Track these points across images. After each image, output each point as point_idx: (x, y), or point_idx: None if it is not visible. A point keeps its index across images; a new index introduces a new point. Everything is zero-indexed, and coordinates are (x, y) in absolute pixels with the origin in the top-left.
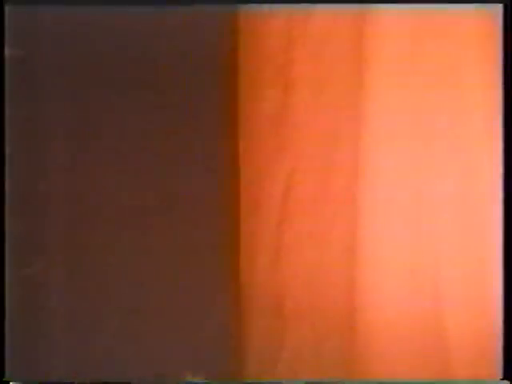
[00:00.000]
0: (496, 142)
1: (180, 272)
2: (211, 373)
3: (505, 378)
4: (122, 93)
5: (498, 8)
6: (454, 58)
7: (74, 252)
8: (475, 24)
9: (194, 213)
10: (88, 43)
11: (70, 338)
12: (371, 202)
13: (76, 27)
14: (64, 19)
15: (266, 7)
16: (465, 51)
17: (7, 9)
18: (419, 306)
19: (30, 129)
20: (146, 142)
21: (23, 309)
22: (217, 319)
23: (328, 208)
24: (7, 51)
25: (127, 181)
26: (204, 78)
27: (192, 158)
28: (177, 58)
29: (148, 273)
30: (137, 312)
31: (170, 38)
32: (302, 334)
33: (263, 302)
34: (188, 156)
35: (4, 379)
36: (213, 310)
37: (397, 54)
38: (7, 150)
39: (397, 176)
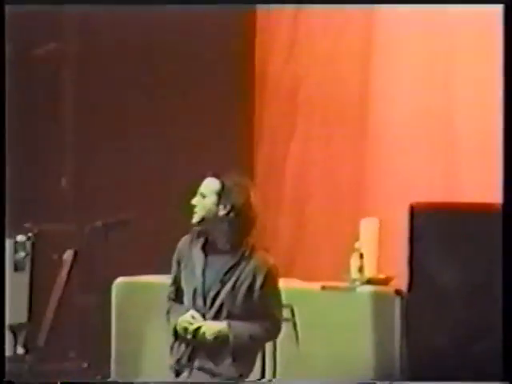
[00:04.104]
0: None
1: None
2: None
3: (505, 378)
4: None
5: (498, 8)
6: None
7: None
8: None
9: None
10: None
11: None
12: None
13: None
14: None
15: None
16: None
17: (7, 9)
18: (432, 102)
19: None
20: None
21: None
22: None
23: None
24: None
25: None
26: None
27: None
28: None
29: None
30: None
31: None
32: (313, 122)
33: (276, 91)
34: None
35: (4, 379)
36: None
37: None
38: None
39: None
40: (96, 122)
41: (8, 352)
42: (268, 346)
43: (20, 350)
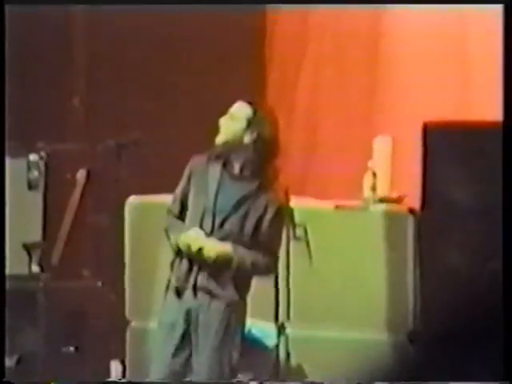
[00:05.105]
0: None
1: None
2: None
3: (505, 378)
4: None
5: (498, 8)
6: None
7: None
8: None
9: None
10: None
11: None
12: None
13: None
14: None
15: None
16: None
17: (7, 9)
18: (444, 20)
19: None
20: None
21: None
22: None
23: None
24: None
25: None
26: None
27: None
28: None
29: None
30: None
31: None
32: (325, 42)
33: (288, 14)
34: None
35: (4, 379)
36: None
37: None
38: None
39: None
40: (108, 40)
41: (23, 270)
42: (281, 265)
43: (35, 269)
